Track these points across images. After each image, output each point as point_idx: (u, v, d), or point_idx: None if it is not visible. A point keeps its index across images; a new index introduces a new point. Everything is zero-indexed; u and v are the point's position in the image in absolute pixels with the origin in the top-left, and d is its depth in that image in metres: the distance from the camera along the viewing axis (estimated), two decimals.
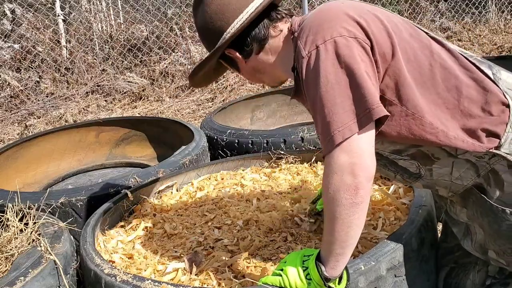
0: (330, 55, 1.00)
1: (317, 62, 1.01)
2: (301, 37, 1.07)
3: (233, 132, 2.54)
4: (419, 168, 1.16)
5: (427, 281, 1.35)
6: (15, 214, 1.62)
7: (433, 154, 1.12)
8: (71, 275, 1.44)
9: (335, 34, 1.01)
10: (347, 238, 1.03)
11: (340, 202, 0.99)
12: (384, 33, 1.06)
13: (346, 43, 1.00)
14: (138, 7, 5.99)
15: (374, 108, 0.97)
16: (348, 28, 1.02)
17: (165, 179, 1.99)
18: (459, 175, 1.13)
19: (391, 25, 1.08)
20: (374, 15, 1.09)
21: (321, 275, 1.06)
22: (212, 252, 1.47)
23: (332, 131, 0.98)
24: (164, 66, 5.41)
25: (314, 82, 1.01)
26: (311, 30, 1.05)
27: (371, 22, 1.05)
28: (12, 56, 5.17)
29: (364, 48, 1.02)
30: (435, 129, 1.06)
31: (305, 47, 1.04)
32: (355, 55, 1.00)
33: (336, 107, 0.98)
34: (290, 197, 1.80)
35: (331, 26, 1.03)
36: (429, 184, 1.21)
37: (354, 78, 0.98)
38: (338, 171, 0.99)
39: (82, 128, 3.24)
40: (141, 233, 1.67)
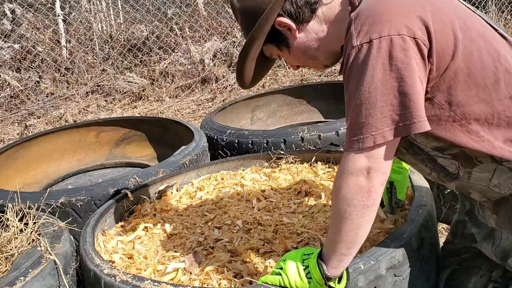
0: (382, 54, 0.93)
1: (366, 57, 0.94)
2: (356, 23, 0.97)
3: (233, 132, 2.54)
4: (458, 168, 1.11)
5: (427, 281, 1.35)
6: (15, 214, 1.62)
7: (477, 157, 1.06)
8: (71, 275, 1.44)
9: (392, 31, 0.93)
10: (355, 239, 1.03)
11: (351, 203, 0.99)
12: (448, 31, 0.97)
13: (403, 44, 0.93)
14: (138, 7, 5.99)
15: (416, 122, 0.93)
16: (408, 25, 0.94)
17: (165, 179, 1.99)
18: (498, 183, 1.09)
19: (460, 21, 1.00)
20: (441, 9, 1.00)
21: (323, 274, 1.06)
22: (212, 252, 1.47)
23: (364, 132, 0.95)
24: (164, 66, 5.41)
25: (358, 77, 0.96)
26: (368, 18, 0.96)
27: (436, 18, 0.96)
28: (12, 56, 5.17)
29: (421, 50, 0.94)
30: (480, 138, 1.02)
31: (358, 36, 0.96)
32: (410, 59, 0.93)
33: (375, 110, 0.94)
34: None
35: (390, 20, 0.94)
36: (464, 186, 1.16)
37: (403, 85, 0.93)
38: (354, 172, 0.98)
39: (82, 128, 3.24)
40: (141, 233, 1.67)
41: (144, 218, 1.77)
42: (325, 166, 2.05)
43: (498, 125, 1.02)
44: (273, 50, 1.20)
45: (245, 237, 1.54)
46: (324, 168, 2.03)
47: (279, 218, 1.64)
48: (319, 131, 2.36)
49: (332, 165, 2.04)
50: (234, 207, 1.77)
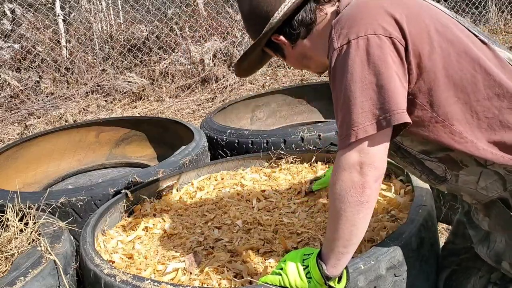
0: (360, 52, 0.98)
1: (346, 57, 0.99)
2: (336, 28, 1.03)
3: (233, 132, 2.54)
4: (445, 172, 1.14)
5: (426, 281, 1.35)
6: (15, 214, 1.62)
7: (462, 160, 1.09)
8: (71, 275, 1.44)
9: (369, 31, 0.98)
10: (351, 237, 1.03)
11: (345, 199, 1.00)
12: (424, 34, 1.01)
13: (379, 42, 0.97)
14: (138, 7, 5.99)
15: (395, 114, 0.95)
16: (384, 26, 0.99)
17: (165, 179, 1.99)
18: (485, 186, 1.11)
19: (436, 24, 1.04)
20: (417, 13, 1.04)
21: (322, 273, 1.06)
22: (212, 252, 1.47)
23: (347, 129, 0.98)
24: (164, 66, 5.41)
25: (340, 77, 1.01)
26: (346, 22, 1.02)
27: (411, 20, 1.01)
28: (12, 56, 5.17)
29: (398, 49, 0.99)
30: (464, 139, 1.03)
31: (338, 39, 1.02)
32: (386, 56, 0.97)
33: (355, 107, 0.97)
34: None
35: (367, 22, 1.00)
36: (454, 189, 1.18)
37: (380, 80, 0.96)
38: (347, 168, 0.99)
39: (82, 128, 3.24)
40: (141, 233, 1.67)
41: (144, 218, 1.77)
42: (325, 166, 2.05)
43: (479, 127, 1.04)
44: (272, 53, 1.29)
45: (245, 237, 1.54)
46: (324, 168, 2.03)
47: (279, 218, 1.64)
48: (319, 131, 2.36)
49: (332, 164, 2.04)
50: (234, 207, 1.77)
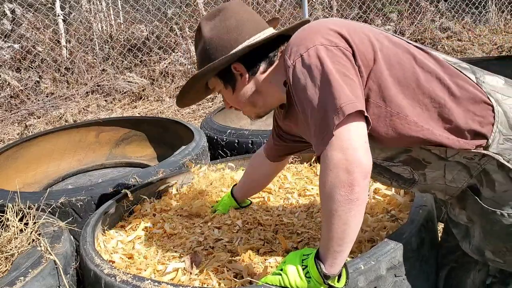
0: (312, 59, 1.04)
1: (301, 68, 1.06)
2: (287, 50, 1.11)
3: (233, 132, 2.54)
4: (412, 173, 1.19)
5: (427, 281, 1.35)
6: (15, 214, 1.62)
7: (424, 158, 1.14)
8: (71, 275, 1.44)
9: (317, 43, 1.06)
10: (344, 236, 1.04)
11: (336, 199, 1.00)
12: (366, 41, 1.10)
13: (328, 49, 1.05)
14: (138, 7, 5.99)
15: (349, 103, 0.98)
16: (329, 39, 1.07)
17: (165, 179, 1.99)
18: (453, 178, 1.15)
19: (373, 34, 1.14)
20: (356, 27, 1.14)
21: (320, 272, 1.07)
22: (212, 252, 1.47)
23: (324, 129, 1.00)
24: (164, 66, 5.42)
25: (302, 88, 1.05)
26: (295, 43, 1.10)
27: (352, 33, 1.10)
28: (12, 56, 5.17)
29: (346, 54, 1.06)
30: (419, 127, 1.09)
31: (290, 57, 1.08)
32: (336, 57, 1.04)
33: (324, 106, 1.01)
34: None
35: (313, 38, 1.08)
36: (425, 188, 1.23)
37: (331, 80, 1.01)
38: (333, 168, 0.99)
39: (82, 128, 3.24)
40: (141, 233, 1.67)
41: (144, 218, 1.77)
42: None
43: (431, 117, 1.09)
44: (217, 84, 1.31)
45: (245, 237, 1.54)
46: None
47: (279, 218, 1.64)
48: None
49: None
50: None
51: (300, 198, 1.81)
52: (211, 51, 1.24)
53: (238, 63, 1.24)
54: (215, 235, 1.58)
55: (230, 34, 1.23)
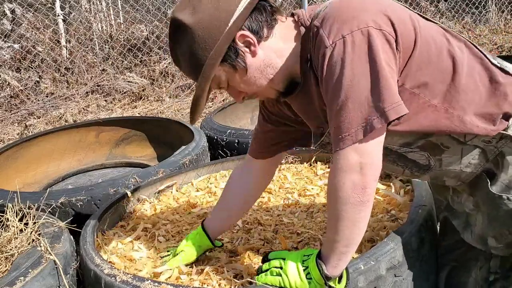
0: (356, 47, 0.96)
1: (342, 53, 0.97)
2: (324, 26, 1.00)
3: (233, 132, 2.54)
4: (428, 159, 1.15)
5: (427, 281, 1.35)
6: (15, 214, 1.62)
7: (443, 143, 1.11)
8: (71, 275, 1.44)
9: (362, 25, 0.97)
10: (352, 237, 1.04)
11: (347, 201, 1.00)
12: (408, 23, 1.03)
13: (373, 35, 0.97)
14: (138, 7, 5.99)
15: (397, 106, 0.95)
16: (374, 19, 0.98)
17: (165, 179, 1.99)
18: (469, 162, 1.13)
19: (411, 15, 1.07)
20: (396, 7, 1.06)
21: (322, 274, 1.06)
22: (212, 252, 1.47)
23: (353, 125, 0.96)
24: (164, 66, 5.41)
25: (338, 74, 0.97)
26: (336, 19, 0.99)
27: (395, 13, 1.02)
28: (12, 56, 5.17)
29: (389, 41, 0.99)
30: (450, 114, 1.05)
31: (329, 36, 0.98)
32: (381, 48, 0.97)
33: (361, 102, 0.95)
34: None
35: (357, 16, 0.98)
36: (438, 175, 1.20)
37: (380, 74, 0.95)
38: (348, 169, 0.98)
39: (82, 128, 3.24)
40: (140, 233, 1.67)
41: (144, 218, 1.77)
42: (325, 166, 2.05)
43: (464, 104, 1.06)
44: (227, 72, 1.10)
45: (245, 237, 1.54)
46: (323, 168, 2.03)
47: (279, 218, 1.64)
48: None
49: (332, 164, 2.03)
50: None
51: (300, 198, 1.81)
52: (205, 37, 1.03)
53: (242, 31, 1.05)
54: None
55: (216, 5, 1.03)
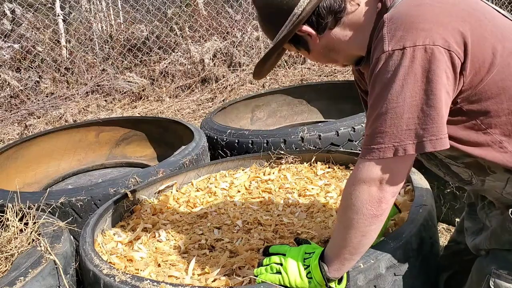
0: (415, 64, 0.89)
1: (398, 65, 0.91)
2: (390, 26, 0.94)
3: (233, 132, 2.54)
4: (471, 177, 1.11)
5: (426, 280, 1.35)
6: (15, 214, 1.62)
7: (490, 167, 1.05)
8: (71, 275, 1.44)
9: (428, 41, 0.89)
10: (359, 246, 1.04)
11: (360, 211, 0.99)
12: (487, 45, 0.94)
13: (437, 56, 0.89)
14: (138, 7, 5.99)
15: (441, 138, 0.91)
16: (444, 37, 0.90)
17: (165, 179, 1.99)
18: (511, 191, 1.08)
19: (497, 32, 0.96)
20: (481, 21, 0.96)
21: (324, 275, 1.06)
22: (212, 252, 1.47)
23: (386, 142, 0.93)
24: (164, 66, 5.42)
25: (386, 84, 0.92)
26: (403, 24, 0.92)
27: (475, 30, 0.93)
28: (12, 56, 5.17)
29: (454, 64, 0.91)
30: (503, 148, 0.99)
31: (390, 41, 0.92)
32: (442, 72, 0.89)
33: (400, 121, 0.91)
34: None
35: (426, 29, 0.90)
36: (478, 190, 1.17)
37: (432, 99, 0.90)
38: (368, 181, 0.97)
39: (82, 128, 3.24)
40: (140, 233, 1.67)
41: (144, 218, 1.77)
42: (325, 166, 2.05)
43: None
44: (292, 49, 1.18)
45: (245, 237, 1.54)
46: (324, 168, 2.03)
47: (279, 218, 1.64)
48: (319, 131, 2.36)
49: (332, 165, 2.04)
50: (234, 207, 1.77)
51: (300, 198, 1.81)
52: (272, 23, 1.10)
53: (303, 26, 1.08)
54: (215, 235, 1.58)
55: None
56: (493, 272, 1.09)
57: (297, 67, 5.46)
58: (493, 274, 1.09)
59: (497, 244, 1.13)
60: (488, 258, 1.15)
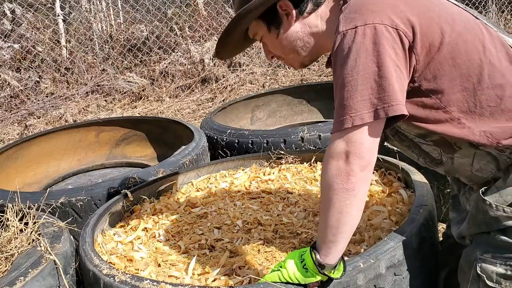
0: (366, 40, 0.97)
1: (351, 42, 0.98)
2: (345, 12, 1.03)
3: (233, 132, 2.54)
4: (441, 154, 1.16)
5: (427, 280, 1.35)
6: (15, 214, 1.62)
7: (455, 143, 1.11)
8: (71, 275, 1.44)
9: (377, 20, 0.98)
10: (338, 225, 1.04)
11: (332, 187, 1.02)
12: (434, 25, 1.02)
13: (385, 32, 0.98)
14: (138, 7, 5.99)
15: (393, 105, 0.96)
16: (392, 17, 0.99)
17: (165, 179, 1.99)
18: (479, 167, 1.13)
19: (447, 16, 1.05)
20: (427, 6, 1.05)
21: (315, 261, 1.07)
22: (212, 252, 1.47)
23: (344, 113, 0.98)
24: (164, 66, 5.42)
25: (342, 62, 0.99)
26: (356, 8, 1.02)
27: (422, 13, 1.02)
28: (12, 56, 5.17)
29: (403, 41, 0.99)
30: (462, 125, 1.06)
31: (344, 23, 1.01)
32: (390, 47, 0.98)
33: (355, 93, 0.97)
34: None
35: (376, 11, 0.99)
36: (450, 170, 1.21)
37: (382, 70, 0.96)
38: (334, 156, 1.01)
39: (82, 128, 3.24)
40: (140, 234, 1.67)
41: (143, 219, 1.77)
42: None
43: (481, 115, 1.06)
44: (260, 29, 1.19)
45: (245, 237, 1.54)
46: None
47: (279, 218, 1.64)
48: (319, 131, 2.36)
49: None
50: (234, 207, 1.77)
51: (300, 198, 1.81)
52: None
53: (285, 0, 1.12)
54: (215, 235, 1.58)
55: None
56: (478, 258, 1.12)
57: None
58: (479, 260, 1.11)
59: (475, 227, 1.14)
60: (472, 245, 1.17)
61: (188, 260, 1.44)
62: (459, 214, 1.30)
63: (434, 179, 2.03)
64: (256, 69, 5.36)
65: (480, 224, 1.12)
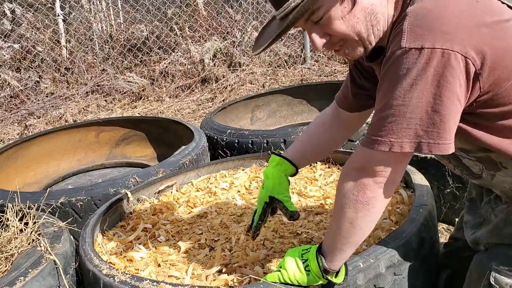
0: (429, 68, 0.87)
1: (412, 64, 0.88)
2: (411, 21, 0.90)
3: (233, 132, 2.54)
4: (482, 170, 1.11)
5: (426, 280, 1.35)
6: (15, 214, 1.62)
7: (501, 162, 1.05)
8: (71, 275, 1.44)
9: (446, 45, 0.86)
10: (348, 235, 1.04)
11: (347, 196, 1.01)
12: (508, 55, 0.90)
13: (453, 62, 0.86)
14: (138, 7, 5.99)
15: (440, 144, 0.90)
16: (464, 43, 0.87)
17: (165, 179, 1.99)
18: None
19: None
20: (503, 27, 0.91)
21: (320, 266, 1.07)
22: (212, 252, 1.47)
23: (383, 135, 0.93)
24: (164, 66, 5.41)
25: (396, 81, 0.91)
26: (426, 22, 0.89)
27: (501, 33, 0.90)
28: (12, 56, 5.17)
29: (469, 71, 0.88)
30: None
31: (409, 37, 0.89)
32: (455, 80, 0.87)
33: (402, 119, 0.91)
34: None
35: (447, 32, 0.87)
36: (486, 184, 1.17)
37: (438, 104, 0.88)
38: (358, 168, 0.99)
39: (82, 128, 3.24)
40: (140, 234, 1.67)
41: (143, 218, 1.77)
42: (325, 166, 2.05)
43: None
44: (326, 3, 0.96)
45: (245, 237, 1.54)
46: (323, 168, 2.03)
47: (279, 218, 1.64)
48: None
49: (332, 165, 2.04)
50: (234, 207, 1.77)
51: (300, 198, 1.81)
52: None
53: None
54: (215, 235, 1.58)
55: None
56: (493, 268, 1.10)
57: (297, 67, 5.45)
58: (494, 270, 1.10)
59: (498, 238, 1.13)
60: (488, 254, 1.16)
61: (188, 260, 1.44)
62: (475, 218, 1.27)
63: (434, 179, 2.03)
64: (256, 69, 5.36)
65: (505, 236, 1.11)
